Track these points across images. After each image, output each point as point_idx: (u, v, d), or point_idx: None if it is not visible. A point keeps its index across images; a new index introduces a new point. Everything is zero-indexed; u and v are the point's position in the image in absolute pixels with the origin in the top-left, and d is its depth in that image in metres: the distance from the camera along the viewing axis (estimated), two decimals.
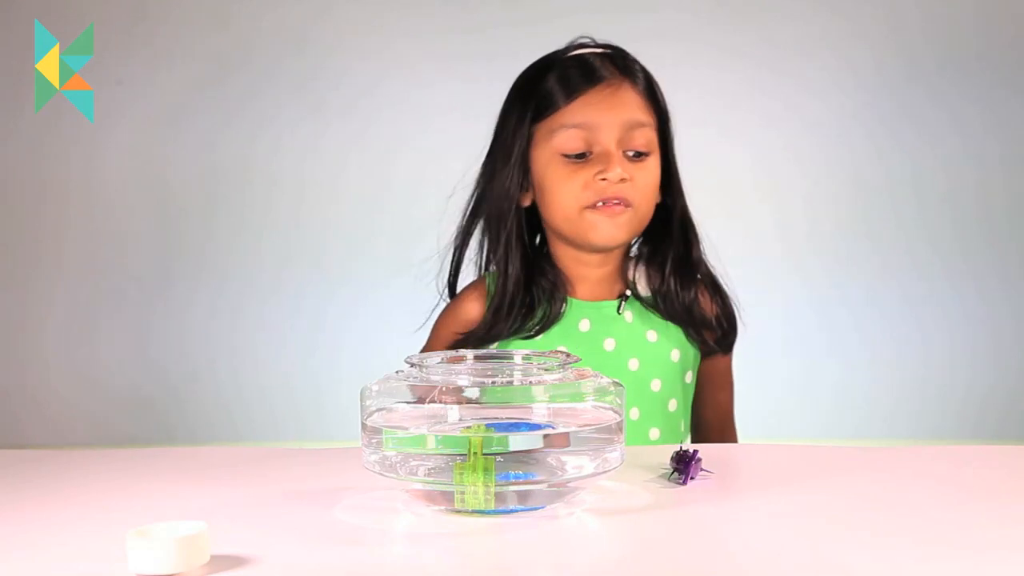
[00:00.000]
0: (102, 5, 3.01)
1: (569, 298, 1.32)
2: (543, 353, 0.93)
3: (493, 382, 0.84)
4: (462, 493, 0.81)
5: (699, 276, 1.34)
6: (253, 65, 3.09)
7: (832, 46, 3.04)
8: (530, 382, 0.85)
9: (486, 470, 0.81)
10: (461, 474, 0.81)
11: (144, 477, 1.00)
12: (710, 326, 1.34)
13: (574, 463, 0.84)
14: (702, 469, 0.94)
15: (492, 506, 0.82)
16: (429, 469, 0.83)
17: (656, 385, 1.30)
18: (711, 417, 1.39)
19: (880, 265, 3.02)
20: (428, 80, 3.07)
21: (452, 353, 0.94)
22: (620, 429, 0.86)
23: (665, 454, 0.97)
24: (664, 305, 1.32)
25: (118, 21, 3.03)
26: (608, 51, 1.31)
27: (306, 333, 3.13)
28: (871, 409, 3.04)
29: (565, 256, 1.33)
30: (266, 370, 3.15)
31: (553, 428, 0.83)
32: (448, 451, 0.82)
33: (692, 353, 1.34)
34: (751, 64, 2.95)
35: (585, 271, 1.33)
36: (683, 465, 0.93)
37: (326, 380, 3.05)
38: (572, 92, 1.26)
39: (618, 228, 1.27)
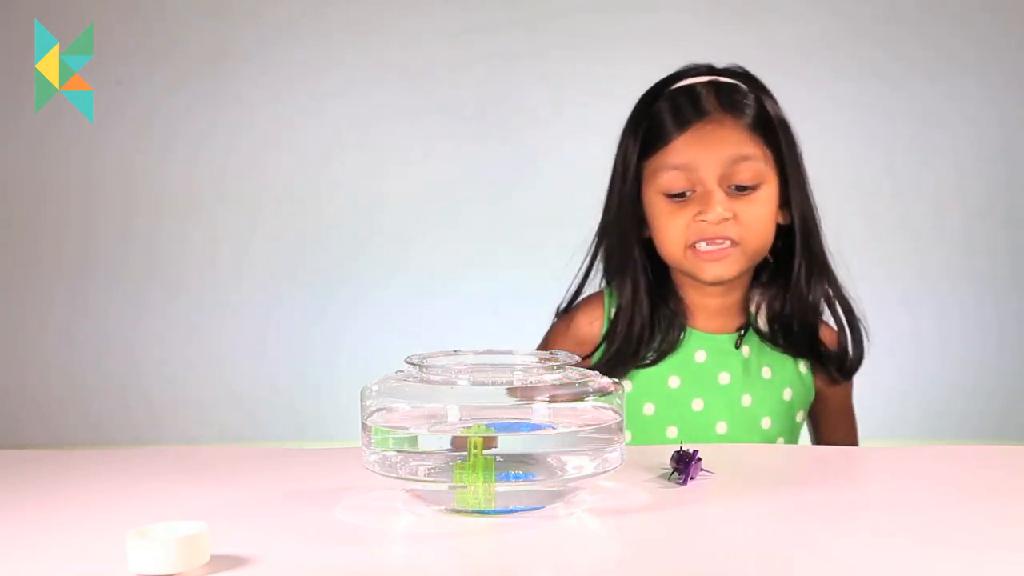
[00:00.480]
0: (102, 5, 3.01)
1: (689, 328, 1.31)
2: (544, 353, 0.93)
3: (493, 382, 0.84)
4: (462, 493, 0.81)
5: (823, 303, 1.31)
6: (250, 64, 3.09)
7: (832, 46, 3.03)
8: (531, 382, 0.84)
9: (486, 470, 0.80)
10: (461, 474, 0.81)
11: (144, 477, 1.00)
12: (829, 357, 1.31)
13: (574, 463, 0.84)
14: (702, 469, 0.94)
15: (492, 506, 0.81)
16: (429, 469, 0.83)
17: (767, 423, 1.29)
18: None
19: (880, 263, 3.01)
20: (426, 81, 3.07)
21: (451, 352, 0.93)
22: (620, 429, 0.86)
23: (667, 454, 0.97)
24: (782, 338, 1.30)
25: (118, 21, 3.02)
26: (718, 78, 1.28)
27: (306, 332, 3.12)
28: (871, 409, 3.04)
29: (686, 285, 1.31)
30: (266, 369, 3.15)
31: (553, 428, 0.83)
32: (448, 451, 0.82)
33: (804, 392, 1.33)
34: (751, 65, 2.95)
35: (707, 300, 1.31)
36: (683, 465, 0.93)
37: (326, 380, 3.04)
38: (671, 131, 1.25)
39: (725, 267, 1.25)
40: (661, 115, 1.26)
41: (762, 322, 1.31)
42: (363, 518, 0.84)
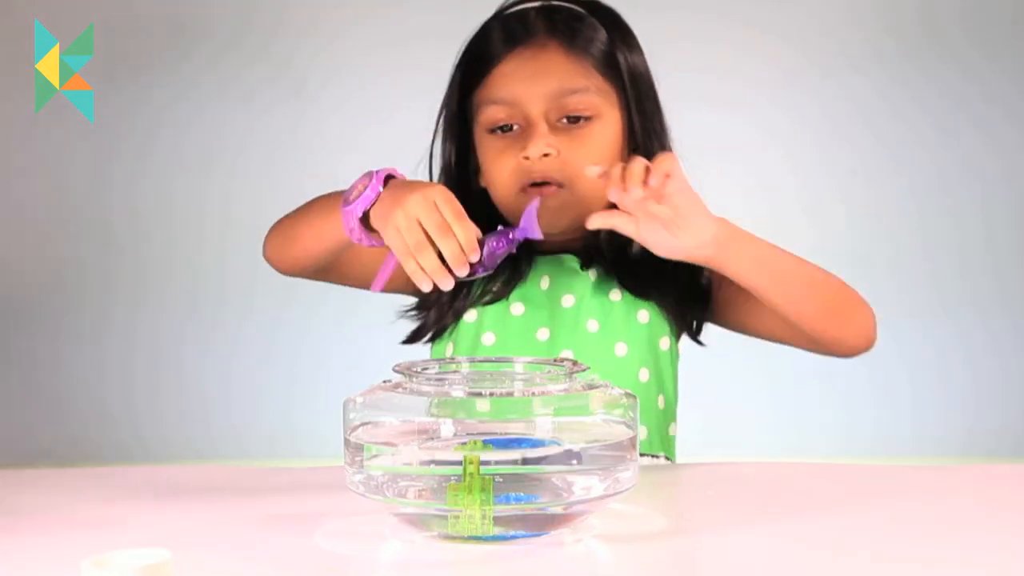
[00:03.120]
0: (102, 5, 2.96)
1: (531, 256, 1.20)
2: (547, 361, 0.89)
3: (491, 393, 0.79)
4: (456, 517, 0.76)
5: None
6: (231, 59, 3.05)
7: (841, 51, 3.02)
8: (532, 393, 0.80)
9: (483, 491, 0.76)
10: (456, 496, 0.76)
11: (102, 499, 0.97)
12: (667, 303, 1.18)
13: (582, 484, 0.79)
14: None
15: (490, 532, 0.77)
16: (420, 490, 0.79)
17: (621, 349, 1.17)
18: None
19: (898, 275, 3.00)
20: (411, 83, 3.02)
21: (445, 361, 0.88)
22: (633, 446, 0.81)
23: (683, 473, 0.92)
24: (626, 276, 1.18)
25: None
26: (552, 3, 1.18)
27: (284, 342, 3.08)
28: (885, 426, 3.02)
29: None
30: (237, 383, 3.10)
31: (558, 444, 0.78)
32: (441, 470, 0.78)
33: (664, 316, 1.19)
34: (751, 68, 2.95)
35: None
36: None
37: (303, 393, 2.99)
38: (493, 57, 1.15)
39: (552, 215, 1.11)
40: (487, 41, 1.17)
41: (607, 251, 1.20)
42: (346, 545, 0.80)
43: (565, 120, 1.13)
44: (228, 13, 3.08)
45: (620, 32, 1.18)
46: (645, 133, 1.17)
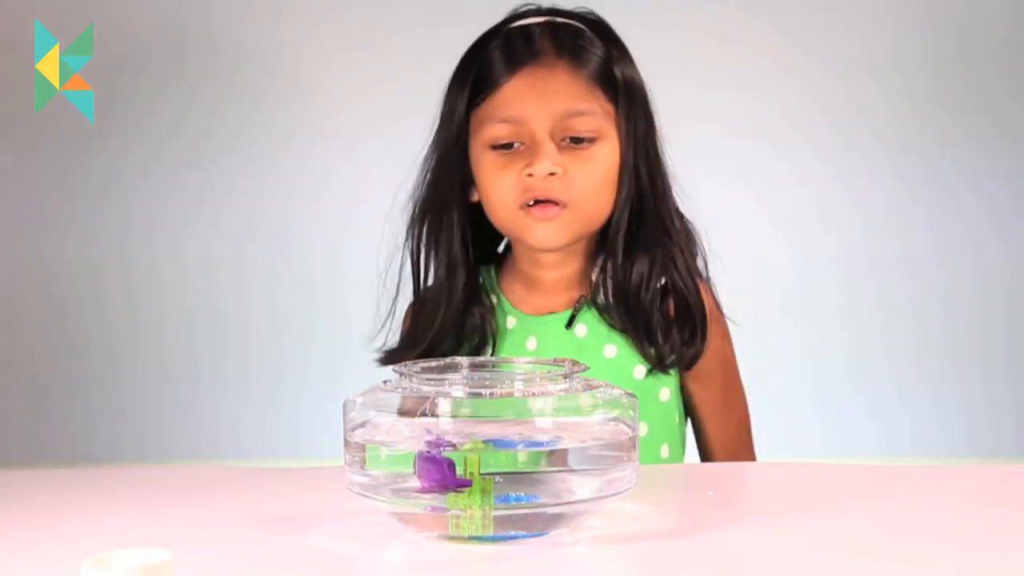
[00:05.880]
0: (103, 5, 2.95)
1: (517, 312, 1.21)
2: (547, 361, 0.88)
3: (491, 393, 0.79)
4: (457, 518, 0.76)
5: (670, 277, 1.19)
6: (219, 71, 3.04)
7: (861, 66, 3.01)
8: (532, 393, 0.80)
9: (484, 492, 0.75)
10: (456, 496, 0.75)
11: (101, 499, 0.96)
12: (664, 338, 1.18)
13: (582, 484, 0.78)
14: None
15: (491, 532, 0.76)
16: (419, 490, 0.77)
17: None
18: (713, 449, 1.26)
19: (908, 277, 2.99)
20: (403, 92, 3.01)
21: (447, 361, 0.88)
22: (633, 445, 0.81)
23: (683, 473, 0.91)
24: (618, 313, 1.18)
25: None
26: (559, 19, 1.18)
27: (284, 342, 3.07)
28: (895, 426, 3.02)
29: (523, 257, 1.22)
30: (237, 383, 3.09)
31: (558, 444, 0.78)
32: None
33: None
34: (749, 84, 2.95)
35: (543, 273, 1.21)
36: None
37: (303, 393, 2.99)
38: (500, 75, 1.15)
39: (553, 232, 1.14)
40: (491, 58, 1.17)
41: (602, 295, 1.20)
42: (346, 546, 0.80)
43: (569, 140, 1.14)
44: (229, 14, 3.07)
45: (617, 47, 1.19)
46: (643, 151, 1.18)
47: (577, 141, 1.14)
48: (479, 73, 1.17)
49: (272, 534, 0.82)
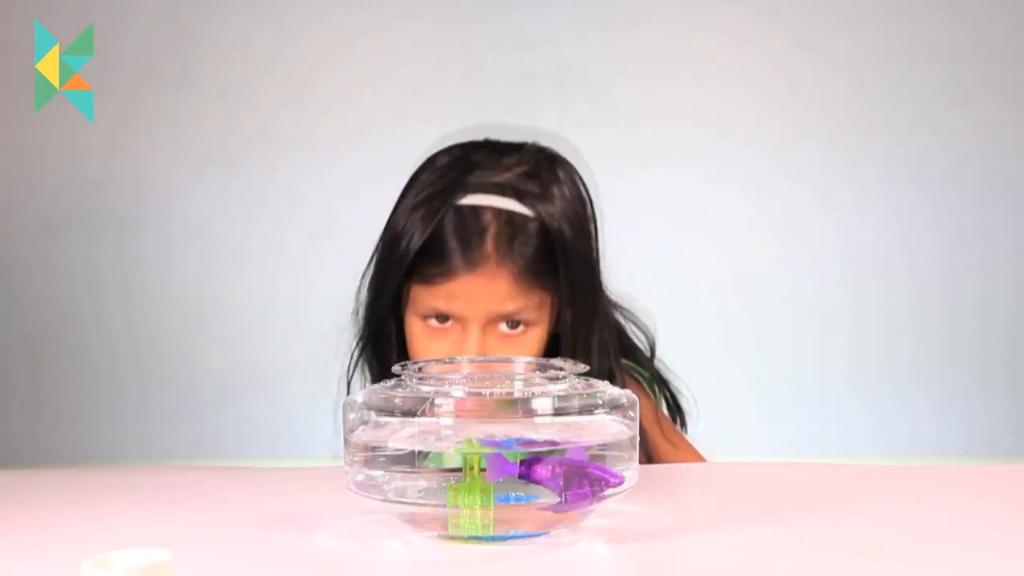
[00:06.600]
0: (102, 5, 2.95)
1: None
2: (547, 361, 0.88)
3: (491, 393, 0.79)
4: (456, 517, 0.76)
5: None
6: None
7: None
8: (532, 393, 0.80)
9: (483, 491, 0.75)
10: (456, 496, 0.76)
11: (101, 499, 0.96)
12: None
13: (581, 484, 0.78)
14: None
15: (491, 531, 0.76)
16: (420, 490, 0.78)
17: None
18: None
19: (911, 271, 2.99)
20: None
21: (445, 361, 0.88)
22: (633, 445, 0.81)
23: (683, 473, 0.92)
24: None
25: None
26: (506, 206, 1.19)
27: (284, 342, 3.06)
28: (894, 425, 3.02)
29: None
30: (237, 383, 3.09)
31: (558, 444, 0.78)
32: (441, 470, 0.78)
33: None
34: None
35: None
36: None
37: (303, 393, 2.98)
38: (442, 271, 1.17)
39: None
40: (440, 241, 1.18)
41: None
42: (346, 545, 0.80)
43: (504, 323, 1.17)
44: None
45: (557, 187, 1.20)
46: (581, 300, 1.21)
47: (512, 324, 1.18)
48: (426, 246, 1.18)
49: (272, 534, 0.82)
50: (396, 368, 0.83)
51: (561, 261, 1.19)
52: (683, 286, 2.83)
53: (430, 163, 1.24)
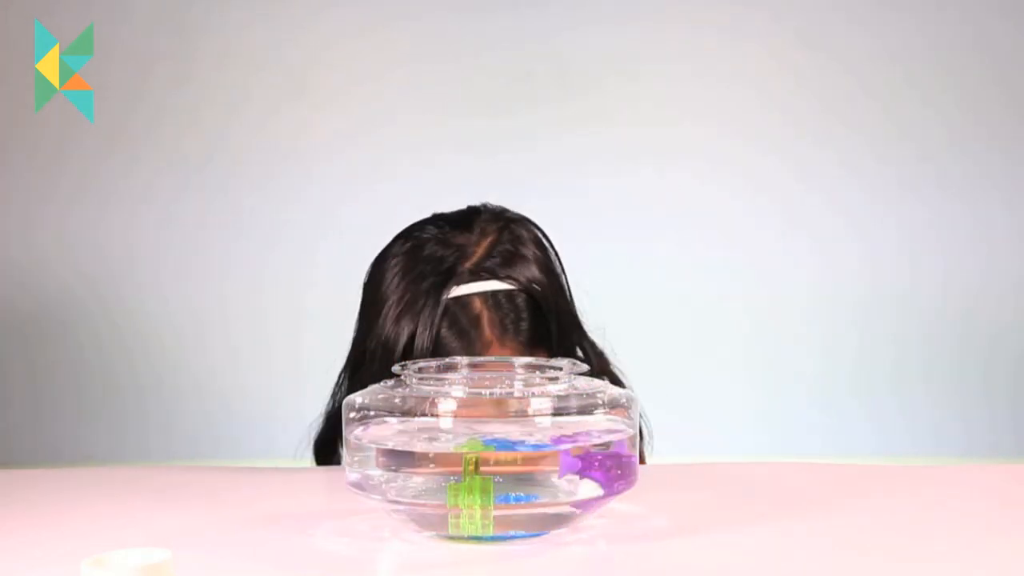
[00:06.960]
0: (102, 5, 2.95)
1: None
2: (547, 361, 0.88)
3: (491, 393, 0.79)
4: (456, 517, 0.76)
5: None
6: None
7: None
8: (532, 393, 0.80)
9: (483, 491, 0.75)
10: (456, 496, 0.75)
11: (101, 499, 0.95)
12: None
13: (581, 484, 0.78)
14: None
15: (491, 532, 0.76)
16: (420, 490, 0.78)
17: None
18: None
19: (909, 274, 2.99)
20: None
21: (446, 361, 0.88)
22: (633, 445, 0.80)
23: (683, 473, 0.92)
24: None
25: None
26: (495, 290, 1.16)
27: (285, 341, 3.07)
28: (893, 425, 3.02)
29: None
30: (238, 383, 3.09)
31: (558, 444, 0.77)
32: (441, 470, 0.77)
33: None
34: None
35: None
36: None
37: (303, 393, 2.98)
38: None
39: None
40: (438, 344, 1.13)
41: None
42: (346, 545, 0.80)
43: None
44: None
45: (530, 254, 1.19)
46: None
47: None
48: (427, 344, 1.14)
49: (272, 534, 0.82)
50: (396, 368, 0.83)
51: (552, 320, 1.18)
52: (683, 286, 2.83)
53: (388, 263, 1.20)
